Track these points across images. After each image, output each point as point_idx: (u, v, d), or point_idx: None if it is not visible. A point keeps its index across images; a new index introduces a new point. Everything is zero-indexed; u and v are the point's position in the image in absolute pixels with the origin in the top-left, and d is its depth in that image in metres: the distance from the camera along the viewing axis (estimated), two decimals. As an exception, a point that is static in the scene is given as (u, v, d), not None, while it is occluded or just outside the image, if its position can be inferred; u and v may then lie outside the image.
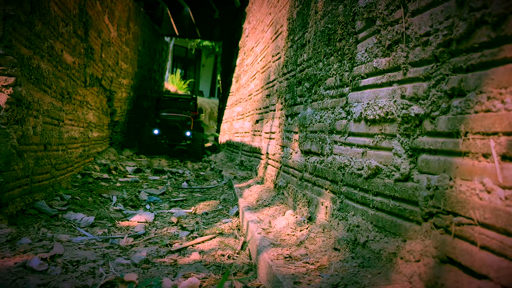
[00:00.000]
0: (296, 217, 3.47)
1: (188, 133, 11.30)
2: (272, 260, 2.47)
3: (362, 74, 2.60)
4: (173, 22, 15.17)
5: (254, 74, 7.68)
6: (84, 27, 6.37)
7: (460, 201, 1.57)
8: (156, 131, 11.15)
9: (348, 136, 2.78)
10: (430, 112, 1.84)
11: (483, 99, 1.49)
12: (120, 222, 4.45)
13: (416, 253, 1.83)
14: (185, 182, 7.16)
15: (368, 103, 2.48)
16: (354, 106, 2.69)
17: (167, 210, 5.15)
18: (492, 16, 1.46)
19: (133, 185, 6.74)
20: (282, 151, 4.72)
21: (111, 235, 3.92)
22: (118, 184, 6.61)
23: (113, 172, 7.60)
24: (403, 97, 2.08)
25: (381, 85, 2.34)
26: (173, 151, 12.65)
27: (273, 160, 5.19)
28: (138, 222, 4.45)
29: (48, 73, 4.75)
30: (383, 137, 2.29)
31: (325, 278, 2.13)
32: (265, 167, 5.63)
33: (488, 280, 1.38)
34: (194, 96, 13.28)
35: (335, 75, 3.13)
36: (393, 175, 2.13)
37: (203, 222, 4.51)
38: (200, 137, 11.37)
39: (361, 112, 2.56)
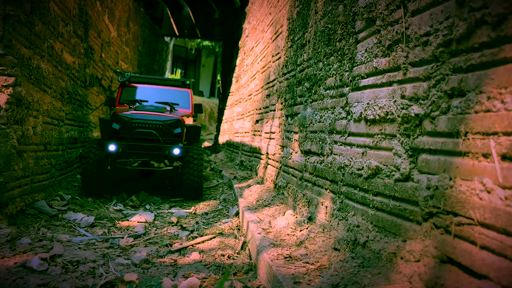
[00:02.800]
0: (296, 217, 3.47)
1: (176, 150, 5.41)
2: (272, 260, 2.47)
3: (362, 74, 2.60)
4: (173, 22, 15.18)
5: (254, 74, 7.68)
6: (84, 27, 6.37)
7: (460, 201, 1.57)
8: (112, 147, 5.27)
9: (348, 136, 2.78)
10: (430, 112, 1.84)
11: (483, 99, 1.49)
12: (120, 222, 4.45)
13: (416, 253, 1.83)
14: (185, 182, 7.15)
15: (368, 103, 2.48)
16: (354, 106, 2.69)
17: (167, 210, 5.15)
18: (492, 16, 1.46)
19: (133, 185, 6.73)
20: (282, 151, 4.72)
21: (111, 235, 3.92)
22: (118, 184, 6.61)
23: (113, 172, 7.59)
24: (403, 97, 2.08)
25: (381, 85, 2.34)
26: (148, 184, 6.67)
27: (273, 160, 5.19)
28: (138, 222, 4.45)
29: (48, 73, 4.75)
30: (383, 137, 2.29)
31: (325, 278, 2.13)
32: (265, 167, 5.63)
33: (488, 280, 1.38)
34: (187, 81, 6.94)
35: (335, 75, 3.13)
36: (393, 175, 2.13)
37: (203, 222, 4.51)
38: (199, 155, 5.59)
39: (361, 112, 2.56)
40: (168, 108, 6.14)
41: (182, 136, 5.69)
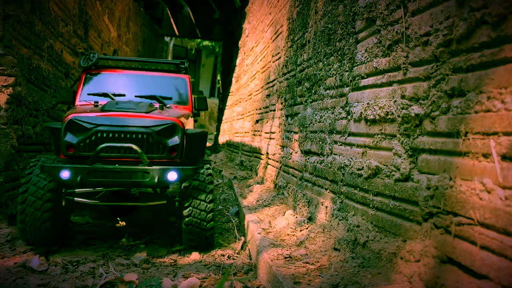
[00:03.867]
0: (296, 217, 3.47)
1: (172, 175, 3.30)
2: (272, 260, 2.47)
3: (362, 74, 2.60)
4: (173, 22, 15.18)
5: (254, 74, 7.69)
6: (84, 27, 6.37)
7: (460, 201, 1.57)
8: (65, 174, 3.17)
9: (348, 136, 2.78)
10: (430, 112, 1.84)
11: (483, 99, 1.49)
12: (120, 221, 4.44)
13: (416, 253, 1.83)
14: (185, 182, 7.11)
15: (368, 103, 2.47)
16: (354, 106, 2.69)
17: None
18: (492, 16, 1.46)
19: (133, 185, 6.70)
20: (282, 151, 4.72)
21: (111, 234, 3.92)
22: (118, 184, 6.59)
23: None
24: (403, 97, 2.08)
25: (381, 85, 2.34)
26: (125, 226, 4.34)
27: (273, 160, 5.19)
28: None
29: (48, 73, 4.75)
30: (383, 137, 2.29)
31: (325, 278, 2.13)
32: (265, 167, 5.63)
33: (488, 280, 1.38)
34: (183, 63, 4.56)
35: (335, 75, 3.12)
36: (393, 175, 2.13)
37: (203, 222, 4.50)
38: (209, 182, 3.55)
39: (361, 112, 2.55)
40: (157, 104, 3.98)
41: (180, 149, 3.50)
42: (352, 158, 2.68)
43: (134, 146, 3.28)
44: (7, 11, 3.73)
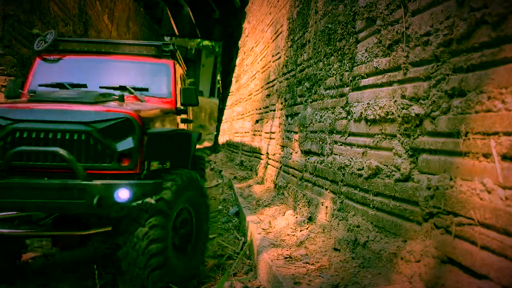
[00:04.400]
0: (296, 217, 3.47)
1: (123, 193, 2.32)
2: (272, 261, 2.47)
3: (362, 74, 2.60)
4: (173, 22, 15.17)
5: (254, 74, 7.69)
6: (84, 27, 6.38)
7: (460, 201, 1.57)
8: None
9: (348, 136, 2.78)
10: (431, 112, 1.84)
11: (483, 99, 1.49)
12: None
13: (416, 253, 1.83)
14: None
15: (368, 103, 2.47)
16: (354, 106, 2.69)
17: None
18: (492, 16, 1.46)
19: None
20: (282, 151, 4.72)
21: (111, 235, 3.91)
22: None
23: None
24: (403, 97, 2.08)
25: (382, 85, 2.34)
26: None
27: (273, 160, 5.19)
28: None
29: (48, 73, 4.75)
30: (383, 137, 2.29)
31: (325, 278, 2.13)
32: (265, 167, 5.63)
33: (488, 280, 1.38)
34: (166, 45, 3.60)
35: (335, 75, 3.12)
36: (394, 175, 2.13)
37: (203, 222, 4.50)
38: (149, 210, 2.42)
39: (361, 112, 2.55)
40: (117, 95, 2.97)
41: (136, 156, 2.49)
42: (352, 158, 2.68)
43: (61, 151, 2.30)
44: (7, 11, 3.73)
